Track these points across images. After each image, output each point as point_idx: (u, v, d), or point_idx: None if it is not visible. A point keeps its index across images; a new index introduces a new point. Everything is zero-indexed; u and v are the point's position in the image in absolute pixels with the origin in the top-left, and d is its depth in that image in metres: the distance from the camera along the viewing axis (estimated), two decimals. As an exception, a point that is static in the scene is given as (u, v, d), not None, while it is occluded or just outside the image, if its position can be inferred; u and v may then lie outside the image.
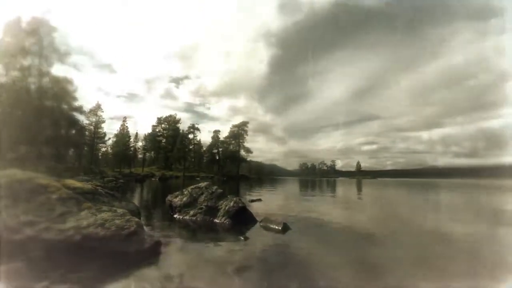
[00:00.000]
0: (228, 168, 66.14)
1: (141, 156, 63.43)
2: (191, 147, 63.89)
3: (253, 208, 8.18)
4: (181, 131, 63.16)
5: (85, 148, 44.15)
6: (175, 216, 6.78)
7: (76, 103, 32.26)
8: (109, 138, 51.16)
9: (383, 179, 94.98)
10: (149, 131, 62.75)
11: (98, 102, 47.26)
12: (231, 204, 6.55)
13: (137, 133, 60.87)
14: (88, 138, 44.64)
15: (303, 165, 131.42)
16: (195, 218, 6.50)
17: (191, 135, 64.14)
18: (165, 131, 63.62)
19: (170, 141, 61.31)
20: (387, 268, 3.65)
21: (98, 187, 5.64)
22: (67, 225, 3.45)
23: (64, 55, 30.24)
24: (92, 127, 45.83)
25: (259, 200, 11.55)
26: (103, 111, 47.00)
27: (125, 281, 2.93)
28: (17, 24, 25.80)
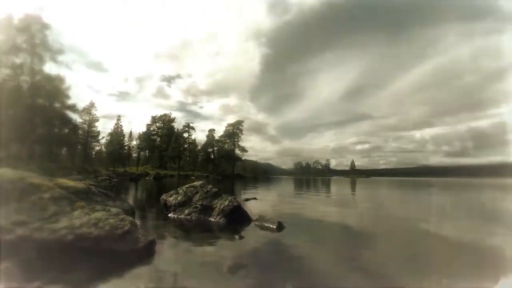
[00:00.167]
0: (223, 167, 66.06)
1: (135, 155, 62.92)
2: (186, 146, 63.60)
3: (248, 207, 8.21)
4: (175, 130, 62.83)
5: (79, 147, 43.57)
6: (169, 215, 6.76)
7: (69, 102, 31.81)
8: (103, 137, 50.63)
9: (377, 178, 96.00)
10: (141, 130, 62.28)
11: (92, 100, 46.74)
12: (226, 203, 6.56)
13: (131, 132, 60.35)
14: (82, 137, 44.07)
15: (298, 164, 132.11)
16: (189, 217, 6.49)
17: (186, 134, 63.88)
18: (159, 130, 63.19)
19: (165, 140, 60.94)
20: (379, 265, 3.71)
21: (91, 186, 5.59)
22: (59, 225, 3.42)
23: (57, 53, 29.75)
24: (86, 125, 45.28)
25: (254, 199, 11.58)
26: (96, 110, 46.48)
27: (119, 281, 2.92)
28: (9, 21, 25.27)
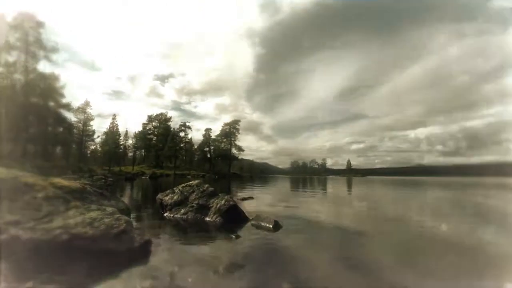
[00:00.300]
0: (220, 166, 65.97)
1: (131, 154, 62.46)
2: (182, 145, 63.31)
3: (245, 206, 8.21)
4: (172, 129, 62.52)
5: (73, 146, 43.10)
6: (165, 214, 6.74)
7: (64, 100, 31.44)
8: (98, 136, 50.18)
9: (373, 177, 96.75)
10: (135, 129, 61.88)
11: (87, 99, 46.29)
12: (222, 202, 6.56)
13: (126, 131, 59.88)
14: (77, 136, 43.61)
15: (294, 163, 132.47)
16: (186, 216, 6.47)
17: (182, 133, 63.59)
18: (155, 129, 62.82)
19: (161, 139, 60.61)
20: (374, 266, 3.75)
21: (86, 186, 5.54)
22: (53, 225, 3.38)
23: (51, 51, 29.37)
24: (81, 124, 44.82)
25: (250, 198, 11.59)
26: (91, 109, 46.05)
27: (115, 280, 2.90)
28: (2, 19, 24.86)
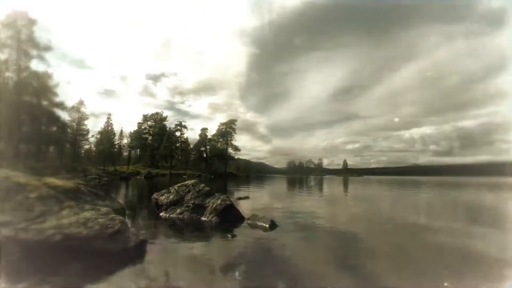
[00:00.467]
0: (216, 166, 65.73)
1: (126, 153, 61.91)
2: (178, 144, 62.96)
3: (241, 206, 8.20)
4: (167, 128, 62.15)
5: (67, 145, 42.55)
6: (161, 214, 6.70)
7: (57, 99, 30.98)
8: (92, 136, 49.63)
9: (369, 176, 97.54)
10: (128, 128, 61.34)
11: (81, 98, 45.80)
12: (219, 202, 6.54)
13: (122, 130, 59.33)
14: (71, 135, 43.08)
15: (291, 163, 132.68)
16: (181, 216, 6.44)
17: (178, 133, 63.22)
18: (151, 129, 62.36)
19: (157, 139, 60.15)
20: (368, 265, 3.78)
21: (80, 186, 5.48)
22: (47, 225, 3.34)
23: (44, 49, 28.93)
24: (75, 124, 44.28)
25: (246, 198, 11.57)
26: (86, 108, 45.54)
27: (109, 281, 2.87)
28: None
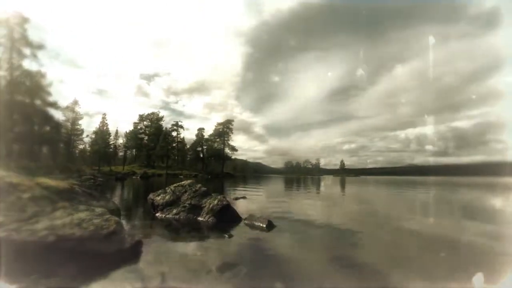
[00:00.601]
0: (213, 166, 65.55)
1: (121, 153, 61.40)
2: (174, 144, 62.62)
3: (238, 206, 8.17)
4: (164, 128, 61.81)
5: (61, 145, 42.01)
6: (157, 214, 6.63)
7: (51, 98, 30.56)
8: (87, 135, 49.12)
9: (366, 177, 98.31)
10: (122, 128, 60.88)
11: (75, 98, 45.32)
12: (215, 202, 6.50)
13: (117, 130, 58.84)
14: (65, 135, 42.57)
15: (288, 163, 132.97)
16: (178, 216, 6.38)
17: (174, 133, 62.88)
18: (147, 129, 61.97)
19: (153, 139, 59.78)
20: (364, 264, 3.77)
21: (74, 186, 5.38)
22: (40, 226, 3.26)
23: (38, 48, 28.53)
24: (69, 123, 43.78)
25: (243, 198, 11.54)
26: (80, 107, 45.08)
27: (105, 282, 2.82)
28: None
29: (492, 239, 5.31)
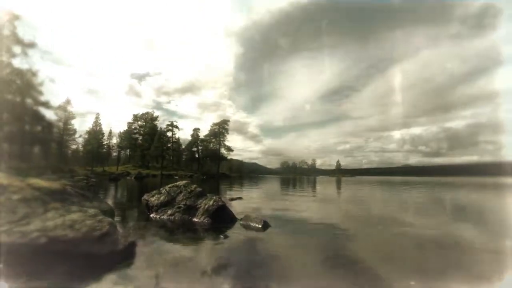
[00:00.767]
0: (208, 166, 65.37)
1: (115, 154, 60.74)
2: (169, 145, 62.21)
3: (234, 207, 8.14)
4: (159, 128, 61.36)
5: (53, 145, 41.32)
6: (151, 215, 6.56)
7: (42, 97, 30.05)
8: (80, 136, 48.45)
9: (361, 177, 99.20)
10: (115, 128, 60.28)
11: (68, 97, 44.71)
12: (211, 202, 6.46)
13: (111, 130, 58.22)
14: (57, 135, 41.90)
15: (284, 164, 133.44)
16: (173, 217, 6.33)
17: (169, 133, 62.47)
18: (141, 129, 61.45)
19: (147, 139, 59.31)
20: (359, 264, 3.79)
21: (67, 187, 5.29)
22: (31, 227, 3.19)
23: (29, 46, 28.04)
24: (61, 123, 43.12)
25: (239, 198, 11.51)
26: (72, 107, 44.47)
27: (98, 285, 2.77)
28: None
29: (481, 237, 5.40)
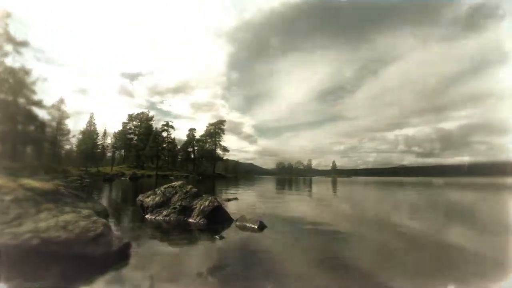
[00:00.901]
0: (204, 167, 65.13)
1: (110, 154, 60.15)
2: (165, 145, 61.86)
3: (229, 207, 8.12)
4: (154, 128, 60.99)
5: (46, 145, 40.74)
6: (146, 216, 6.51)
7: (35, 97, 29.66)
8: (73, 136, 47.85)
9: (357, 177, 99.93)
10: (108, 128, 59.82)
11: (61, 96, 44.18)
12: (206, 203, 6.44)
13: (105, 130, 57.63)
14: (50, 135, 41.32)
15: (280, 164, 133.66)
16: (168, 218, 6.29)
17: (164, 133, 62.13)
18: (136, 129, 60.98)
19: (142, 139, 58.88)
20: (355, 265, 3.82)
21: (60, 187, 5.23)
22: (23, 228, 3.14)
23: (21, 45, 27.64)
24: (54, 123, 42.56)
25: (235, 199, 11.50)
26: (66, 106, 43.95)
27: (91, 286, 2.74)
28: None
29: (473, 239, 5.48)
